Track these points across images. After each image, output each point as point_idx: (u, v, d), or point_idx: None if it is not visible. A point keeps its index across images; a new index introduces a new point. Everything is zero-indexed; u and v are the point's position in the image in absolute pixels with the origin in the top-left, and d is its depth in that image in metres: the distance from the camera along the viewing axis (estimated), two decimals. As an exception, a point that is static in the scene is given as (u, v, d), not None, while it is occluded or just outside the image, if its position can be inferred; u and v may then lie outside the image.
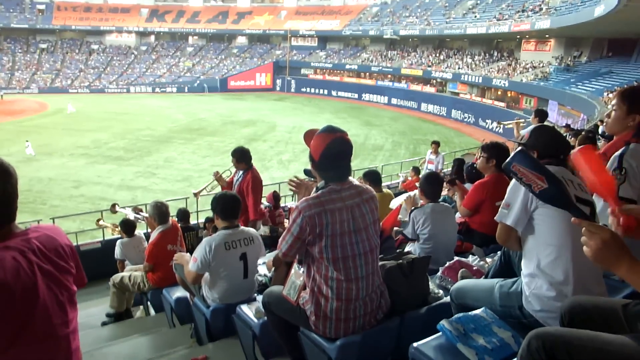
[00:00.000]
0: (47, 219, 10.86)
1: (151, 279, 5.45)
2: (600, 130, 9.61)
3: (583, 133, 7.64)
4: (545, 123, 7.90)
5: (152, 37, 72.93)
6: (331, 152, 2.64)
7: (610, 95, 25.29)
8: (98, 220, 8.48)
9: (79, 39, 69.69)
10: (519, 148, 2.02)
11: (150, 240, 5.43)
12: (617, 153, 2.95)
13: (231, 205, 4.04)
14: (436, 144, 13.20)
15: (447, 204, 4.99)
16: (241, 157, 6.51)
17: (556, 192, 1.85)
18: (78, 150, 27.68)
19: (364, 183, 5.74)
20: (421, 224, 4.44)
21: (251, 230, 4.23)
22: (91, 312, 6.35)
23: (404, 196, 5.80)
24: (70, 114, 40.94)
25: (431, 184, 4.68)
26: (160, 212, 5.31)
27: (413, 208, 4.65)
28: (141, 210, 7.14)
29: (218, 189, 7.18)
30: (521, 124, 8.82)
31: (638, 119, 2.95)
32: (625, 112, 3.00)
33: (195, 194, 7.61)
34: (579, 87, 31.03)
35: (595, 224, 1.63)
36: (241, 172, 6.57)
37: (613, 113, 3.10)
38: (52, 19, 67.13)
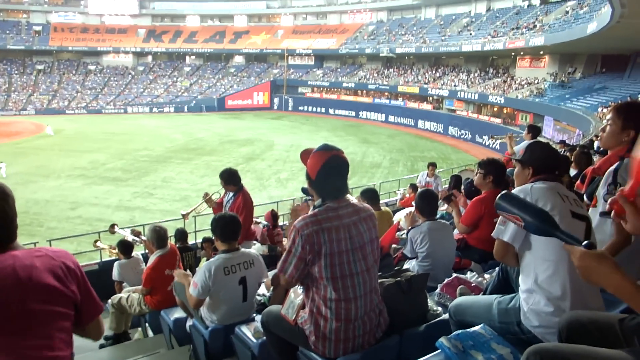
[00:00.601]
0: (44, 241, 10.80)
1: (149, 302, 5.42)
2: (595, 146, 9.66)
3: (578, 148, 7.68)
4: (542, 139, 7.94)
5: (150, 57, 73.31)
6: (327, 170, 2.65)
7: (605, 110, 25.48)
8: (95, 242, 8.47)
9: (76, 59, 70.03)
10: (499, 195, 2.13)
11: (148, 264, 5.40)
12: (612, 168, 2.97)
13: (231, 226, 4.01)
14: (433, 165, 12.40)
15: (445, 220, 5.00)
16: (229, 179, 6.44)
17: (537, 225, 1.91)
18: (75, 171, 27.66)
19: (362, 201, 5.77)
20: (419, 242, 4.45)
21: (252, 252, 4.19)
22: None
23: (405, 211, 5.80)
24: (50, 136, 40.80)
25: (425, 201, 4.69)
26: (158, 236, 5.28)
27: (410, 227, 4.66)
28: (140, 233, 7.09)
29: (209, 211, 7.17)
30: (514, 139, 8.87)
31: (632, 134, 2.97)
32: (620, 127, 3.02)
33: (184, 215, 7.54)
34: (574, 102, 31.23)
35: (577, 249, 1.65)
36: (231, 193, 6.50)
37: (608, 128, 3.12)
38: (48, 40, 67.49)
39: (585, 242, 1.64)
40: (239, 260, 3.95)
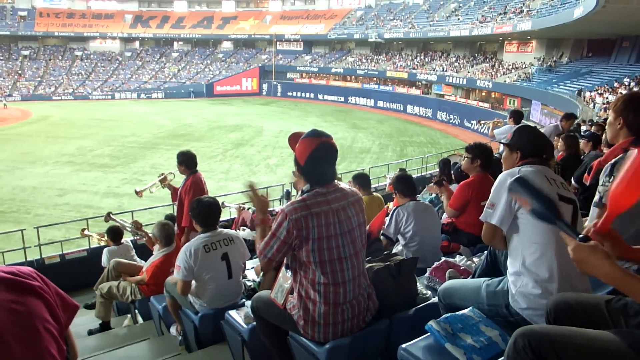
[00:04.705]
0: (31, 228, 10.73)
1: (145, 291, 5.38)
2: (582, 130, 9.71)
3: (564, 132, 7.71)
4: (529, 123, 7.96)
5: (137, 43, 72.59)
6: (317, 156, 2.64)
7: (588, 94, 25.74)
8: (83, 230, 8.35)
9: (62, 45, 69.15)
10: (514, 178, 2.26)
11: (152, 260, 5.33)
12: (612, 160, 3.00)
13: (210, 210, 4.08)
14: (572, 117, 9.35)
15: (434, 204, 5.02)
16: (182, 160, 6.31)
17: (543, 212, 1.94)
18: (62, 158, 27.40)
19: (354, 186, 5.79)
20: (404, 221, 4.49)
21: (231, 231, 4.24)
22: (77, 321, 6.20)
23: None
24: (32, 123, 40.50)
25: (404, 182, 4.79)
26: (167, 234, 5.17)
27: (395, 207, 4.69)
28: (142, 226, 6.85)
29: (166, 191, 7.06)
30: (499, 124, 8.90)
31: (622, 121, 3.00)
32: (614, 117, 3.06)
33: (138, 192, 7.36)
34: (561, 87, 31.36)
35: (573, 241, 1.70)
36: (184, 177, 6.40)
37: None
38: (34, 26, 66.57)
39: (581, 235, 1.68)
40: (219, 238, 4.01)
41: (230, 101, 56.47)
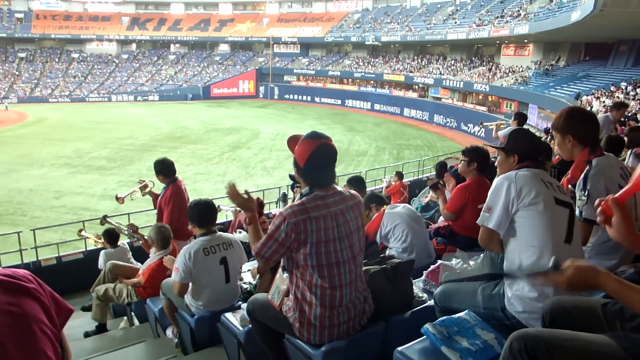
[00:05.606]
0: (27, 230, 10.70)
1: (141, 293, 5.38)
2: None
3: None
4: (526, 127, 7.98)
5: (134, 45, 72.50)
6: (316, 158, 2.64)
7: (585, 98, 25.82)
8: (80, 231, 8.32)
9: (59, 47, 69.01)
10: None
11: (149, 263, 5.31)
12: (583, 174, 3.04)
13: (206, 211, 4.07)
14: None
15: (431, 208, 5.05)
16: (159, 169, 6.15)
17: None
18: (59, 160, 27.32)
19: (349, 189, 5.82)
20: (384, 223, 4.63)
21: (229, 235, 4.24)
22: (73, 324, 6.19)
23: None
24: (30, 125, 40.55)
25: (376, 196, 5.22)
26: (163, 237, 5.17)
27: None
28: (137, 229, 6.82)
29: (147, 199, 7.00)
30: (502, 126, 8.92)
31: (571, 138, 3.06)
32: (561, 137, 3.11)
33: (118, 199, 7.31)
34: (558, 90, 31.41)
35: (556, 279, 1.70)
36: (164, 186, 6.26)
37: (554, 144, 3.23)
38: (31, 28, 66.38)
39: (550, 265, 1.69)
40: (218, 242, 4.01)
41: (227, 104, 56.43)
